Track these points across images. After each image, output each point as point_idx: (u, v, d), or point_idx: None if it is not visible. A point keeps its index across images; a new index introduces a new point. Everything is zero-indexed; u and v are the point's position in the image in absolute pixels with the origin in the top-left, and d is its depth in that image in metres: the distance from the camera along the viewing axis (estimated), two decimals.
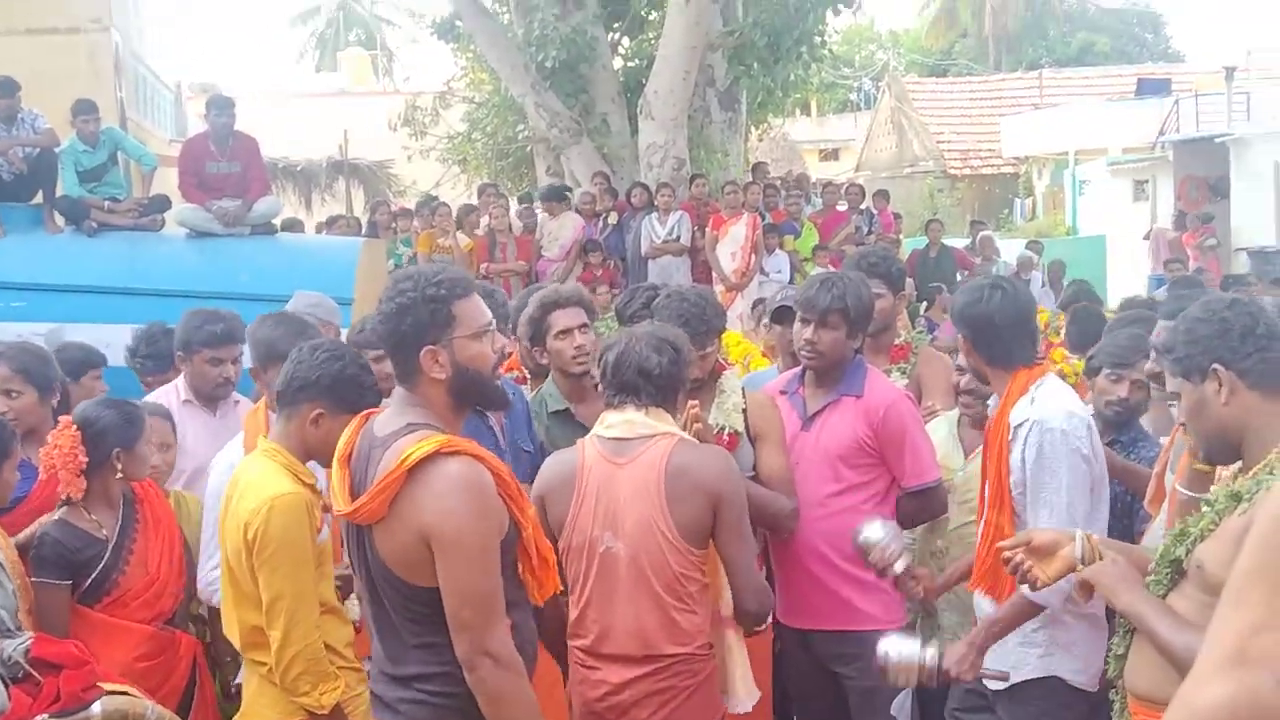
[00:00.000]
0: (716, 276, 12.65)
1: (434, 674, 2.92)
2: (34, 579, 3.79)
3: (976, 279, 3.98)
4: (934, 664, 3.50)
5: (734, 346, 6.18)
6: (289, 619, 3.35)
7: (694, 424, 3.76)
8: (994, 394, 3.80)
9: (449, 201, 14.26)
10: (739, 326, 10.98)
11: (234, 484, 3.55)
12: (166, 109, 28.87)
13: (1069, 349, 7.08)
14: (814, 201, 15.01)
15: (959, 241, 16.86)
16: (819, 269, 11.68)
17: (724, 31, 14.69)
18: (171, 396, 4.93)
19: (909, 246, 15.70)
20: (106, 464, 3.93)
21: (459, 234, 12.48)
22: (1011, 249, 18.21)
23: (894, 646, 3.53)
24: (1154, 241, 19.92)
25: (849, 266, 4.88)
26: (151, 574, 4.00)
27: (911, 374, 4.96)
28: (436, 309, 2.89)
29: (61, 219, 8.64)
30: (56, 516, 3.92)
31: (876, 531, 3.71)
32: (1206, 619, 2.51)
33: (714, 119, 15.50)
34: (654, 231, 12.85)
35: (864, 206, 14.98)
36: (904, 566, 3.73)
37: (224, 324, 4.88)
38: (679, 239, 12.83)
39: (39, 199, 8.78)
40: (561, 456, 3.66)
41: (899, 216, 16.27)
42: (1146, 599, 2.73)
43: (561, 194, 13.41)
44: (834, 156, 38.71)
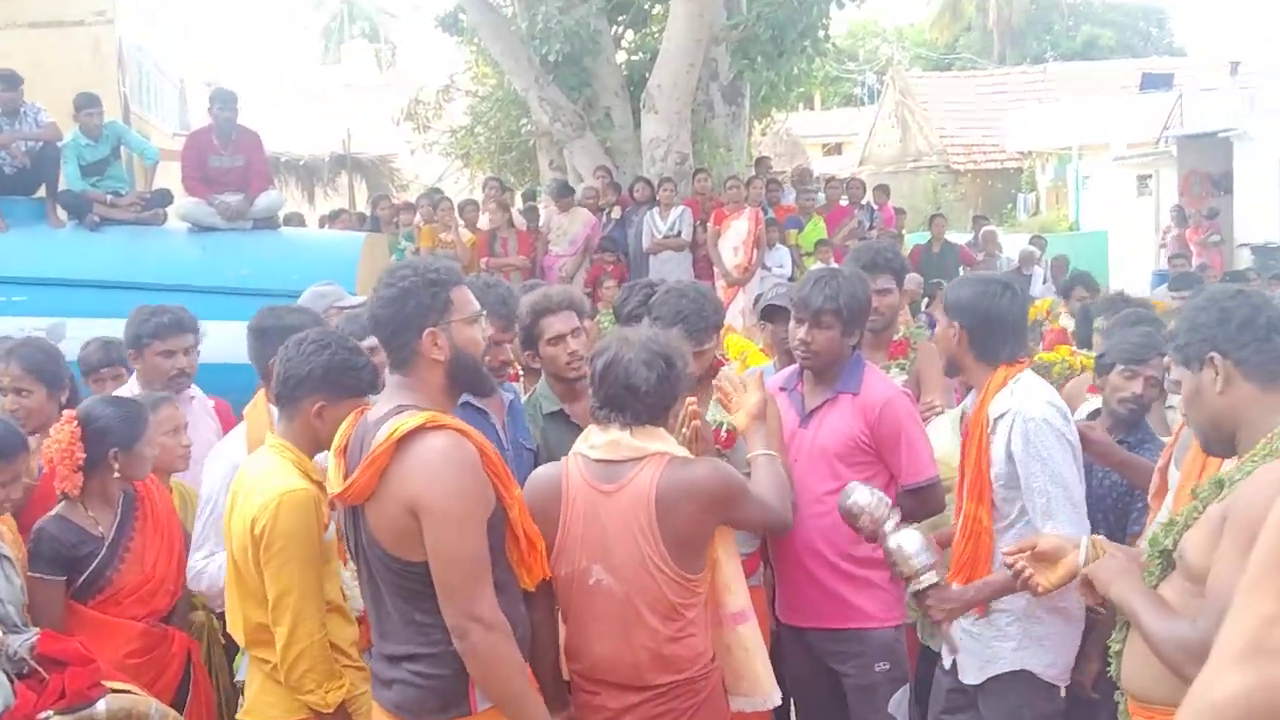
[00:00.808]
0: (718, 272, 12.66)
1: (421, 654, 3.01)
2: (29, 574, 3.81)
3: (982, 273, 3.99)
4: (893, 545, 3.51)
5: (730, 345, 6.16)
6: (295, 616, 3.36)
7: (692, 421, 3.73)
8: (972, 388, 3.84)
9: (452, 196, 14.23)
10: (740, 322, 10.98)
11: (240, 480, 3.55)
12: (170, 103, 28.86)
13: (1076, 344, 7.09)
14: (817, 197, 14.99)
15: (962, 237, 16.85)
16: (819, 264, 11.68)
17: (728, 25, 14.67)
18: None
19: (912, 241, 15.69)
20: (104, 462, 3.94)
21: (461, 228, 12.49)
22: (1015, 244, 18.19)
23: (862, 493, 3.57)
24: (1162, 237, 19.94)
25: (850, 262, 4.89)
26: (148, 572, 4.01)
27: (910, 370, 4.96)
28: (437, 292, 3.03)
29: (64, 213, 8.65)
30: (54, 512, 3.94)
31: (864, 495, 3.58)
32: (1191, 607, 2.54)
33: (717, 113, 15.48)
34: (655, 226, 12.85)
35: (866, 201, 14.95)
36: (935, 580, 3.54)
37: (171, 314, 4.91)
38: (680, 234, 12.83)
39: (41, 193, 8.79)
40: (546, 474, 3.48)
41: (902, 211, 16.24)
42: (1136, 589, 2.74)
43: (570, 189, 13.42)
44: (837, 151, 38.65)
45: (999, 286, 3.80)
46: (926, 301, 12.47)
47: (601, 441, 3.37)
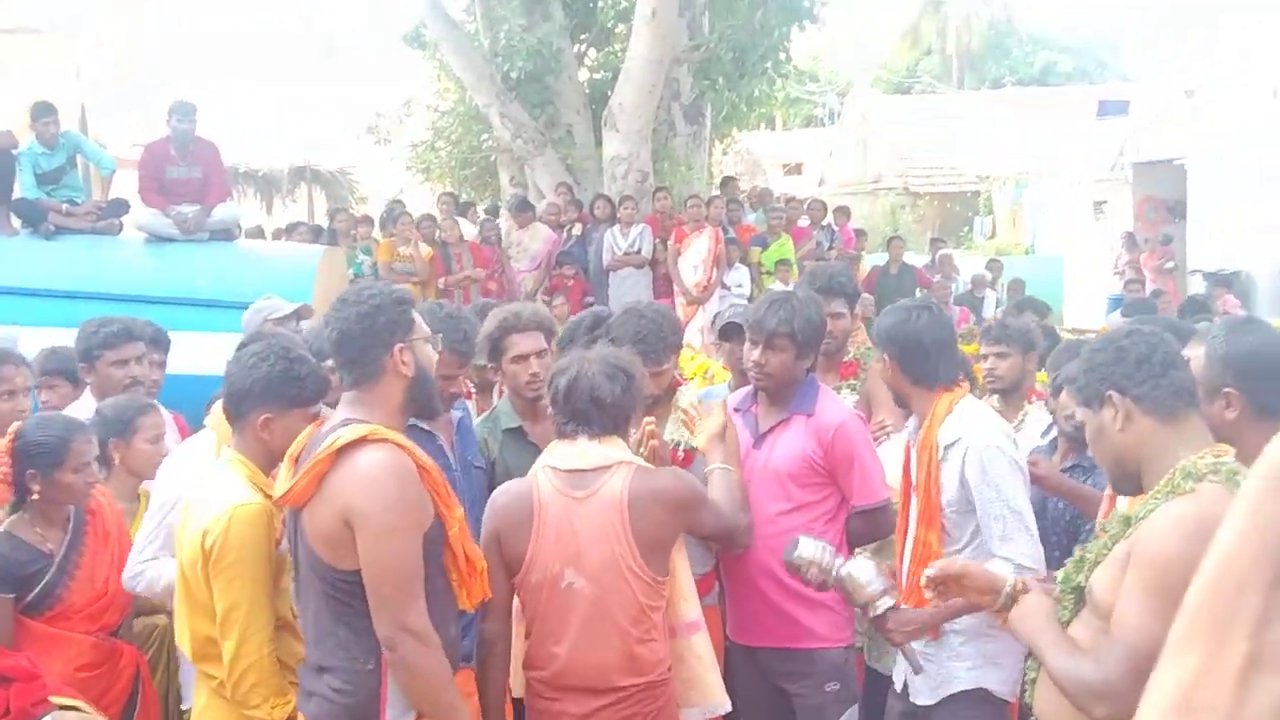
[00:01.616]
0: (678, 289, 12.70)
1: (338, 668, 3.06)
2: None
3: (901, 302, 4.04)
4: (844, 574, 3.53)
5: (689, 362, 6.19)
6: (243, 630, 3.34)
7: (649, 440, 3.77)
8: (914, 414, 3.88)
9: (412, 211, 14.19)
10: (699, 340, 11.01)
11: (194, 493, 3.53)
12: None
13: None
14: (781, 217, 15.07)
15: (920, 259, 16.97)
16: (778, 284, 11.75)
17: (690, 46, 14.75)
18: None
19: (870, 263, 15.79)
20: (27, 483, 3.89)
21: (420, 243, 12.46)
22: (972, 267, 18.34)
23: (808, 545, 3.58)
24: (1115, 262, 20.13)
25: (804, 285, 4.92)
26: (99, 589, 3.98)
27: (861, 390, 4.99)
28: (404, 310, 3.15)
29: (18, 221, 8.58)
30: (3, 529, 3.89)
31: (809, 548, 3.60)
32: (1102, 644, 2.57)
33: (679, 132, 15.56)
34: (615, 244, 12.89)
35: (826, 223, 15.06)
36: (890, 604, 3.55)
37: (119, 324, 4.91)
38: (640, 251, 12.87)
39: None
40: (514, 489, 3.58)
41: (862, 233, 16.36)
42: (1043, 628, 2.77)
43: (529, 205, 13.43)
44: (797, 171, 38.82)
45: (916, 310, 3.89)
46: None
47: (570, 452, 3.49)
